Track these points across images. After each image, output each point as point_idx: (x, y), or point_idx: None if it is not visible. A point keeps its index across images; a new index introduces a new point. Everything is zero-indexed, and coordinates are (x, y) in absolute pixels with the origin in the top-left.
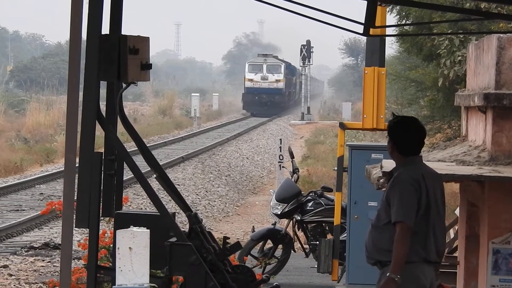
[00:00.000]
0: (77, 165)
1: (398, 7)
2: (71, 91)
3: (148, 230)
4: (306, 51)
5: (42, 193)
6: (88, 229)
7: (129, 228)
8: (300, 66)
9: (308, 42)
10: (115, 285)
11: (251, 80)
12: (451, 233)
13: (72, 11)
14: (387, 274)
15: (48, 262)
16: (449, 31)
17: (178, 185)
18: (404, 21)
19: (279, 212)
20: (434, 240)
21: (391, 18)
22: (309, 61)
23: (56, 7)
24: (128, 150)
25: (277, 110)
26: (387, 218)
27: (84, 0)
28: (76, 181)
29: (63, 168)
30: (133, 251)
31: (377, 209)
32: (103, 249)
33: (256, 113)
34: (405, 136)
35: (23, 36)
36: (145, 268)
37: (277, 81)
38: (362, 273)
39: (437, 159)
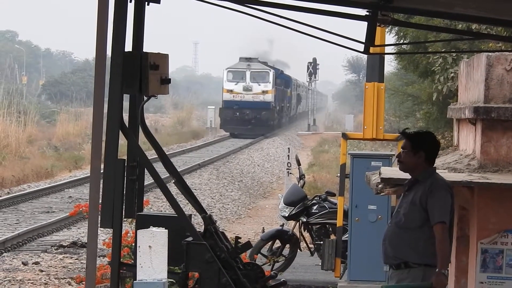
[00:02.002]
0: (102, 171)
1: (396, 28)
2: (97, 103)
3: (167, 230)
4: (313, 68)
5: (70, 196)
6: (112, 229)
7: (149, 229)
8: (307, 81)
9: (314, 59)
10: (136, 280)
11: (230, 91)
12: None
13: (98, 30)
14: (437, 270)
15: (75, 259)
16: (443, 50)
17: (195, 189)
18: (402, 41)
19: (286, 215)
20: (451, 246)
21: (390, 37)
22: (315, 77)
23: (85, 27)
24: (149, 158)
25: (264, 129)
26: (421, 220)
27: (109, 19)
28: (101, 185)
29: (89, 174)
30: (152, 249)
31: (403, 213)
32: (125, 248)
33: (237, 134)
34: (434, 146)
35: (54, 53)
36: (164, 264)
37: (264, 92)
38: (363, 271)
39: None
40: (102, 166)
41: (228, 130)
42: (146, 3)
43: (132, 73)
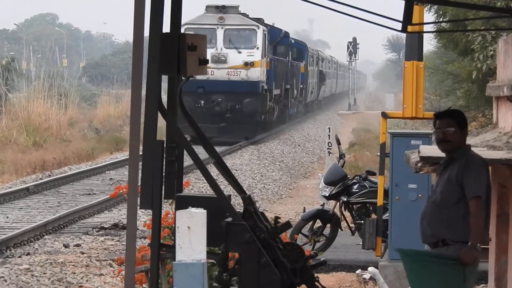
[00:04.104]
0: (141, 152)
1: (436, 6)
2: (135, 85)
3: (206, 211)
4: (353, 47)
5: (111, 178)
6: (151, 211)
7: (188, 209)
8: (347, 61)
9: (354, 39)
10: (175, 261)
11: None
12: None
13: (136, 12)
14: (468, 244)
15: (117, 241)
16: (482, 28)
17: (236, 170)
18: (441, 19)
19: (327, 194)
20: (489, 223)
21: (429, 16)
22: (355, 57)
23: (124, 8)
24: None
25: (249, 129)
26: (456, 197)
27: (146, 2)
28: (140, 167)
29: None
30: (191, 230)
31: (440, 191)
32: (166, 229)
33: (202, 137)
34: (467, 125)
35: (94, 35)
36: (203, 245)
37: (248, 65)
38: (406, 244)
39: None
40: (141, 147)
41: (188, 132)
42: None
43: (170, 54)
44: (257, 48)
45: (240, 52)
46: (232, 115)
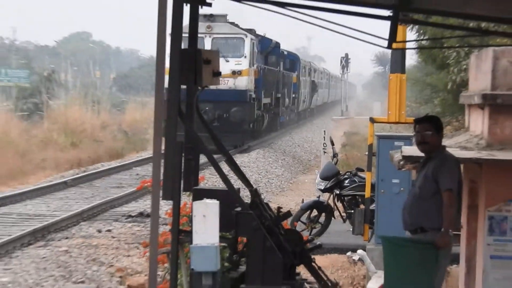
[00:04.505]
0: (163, 151)
1: (417, 26)
2: (158, 94)
3: (219, 202)
4: (345, 61)
5: (138, 174)
6: (172, 201)
7: (203, 200)
8: (340, 73)
9: (346, 54)
10: (192, 244)
11: None
12: None
13: (158, 30)
14: (442, 230)
15: (142, 227)
16: (456, 45)
17: (244, 167)
18: (421, 37)
19: (322, 188)
20: (460, 212)
21: (411, 35)
22: (347, 70)
23: (149, 27)
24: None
25: (236, 137)
26: (432, 191)
27: (167, 21)
28: (162, 164)
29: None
30: (206, 218)
31: (418, 185)
32: (184, 217)
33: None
34: (442, 129)
35: (123, 51)
36: (216, 231)
37: (236, 73)
38: (389, 231)
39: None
40: (163, 147)
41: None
42: (200, 6)
43: (188, 67)
44: (245, 57)
45: (227, 61)
46: (220, 123)
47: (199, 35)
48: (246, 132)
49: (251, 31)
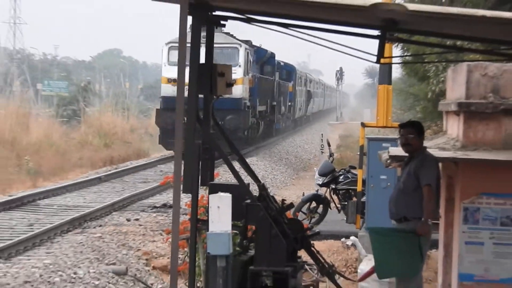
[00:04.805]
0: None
1: (401, 44)
2: (179, 102)
3: (231, 195)
4: (339, 74)
5: (161, 170)
6: (191, 194)
7: (218, 194)
8: (335, 84)
9: (341, 68)
10: (208, 231)
11: (173, 81)
12: None
13: (179, 47)
14: (422, 219)
15: (165, 216)
16: (435, 60)
17: (253, 164)
18: (405, 53)
19: (320, 183)
20: (439, 204)
21: (397, 51)
22: (341, 81)
23: None
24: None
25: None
26: (414, 186)
27: (187, 39)
28: (183, 162)
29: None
30: (220, 209)
31: (402, 181)
32: (201, 208)
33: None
34: (423, 133)
35: (149, 65)
36: (229, 220)
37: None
38: (376, 223)
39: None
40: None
41: (171, 147)
42: (215, 27)
43: (205, 79)
44: (239, 66)
45: None
46: (214, 130)
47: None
48: (240, 140)
49: (247, 42)
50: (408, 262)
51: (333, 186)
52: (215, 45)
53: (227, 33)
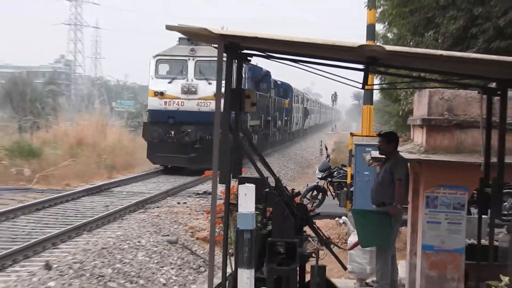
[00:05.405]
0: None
1: (380, 75)
2: (217, 116)
3: (254, 185)
4: (334, 97)
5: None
6: (225, 184)
7: (244, 184)
8: (331, 104)
9: (335, 92)
10: (238, 212)
11: (160, 94)
12: None
13: (217, 76)
14: (393, 204)
15: (206, 200)
16: (405, 87)
17: (270, 163)
18: (383, 82)
19: (320, 177)
20: (408, 194)
21: (376, 80)
22: (336, 102)
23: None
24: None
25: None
26: (389, 180)
27: (223, 71)
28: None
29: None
30: (246, 196)
31: (381, 176)
32: (232, 194)
33: (172, 166)
34: (397, 139)
35: None
36: (252, 203)
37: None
38: (361, 207)
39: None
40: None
41: (158, 162)
42: (244, 62)
43: (236, 100)
44: None
45: (210, 83)
46: (201, 145)
47: (182, 58)
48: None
49: None
50: (381, 235)
51: (329, 179)
52: (202, 58)
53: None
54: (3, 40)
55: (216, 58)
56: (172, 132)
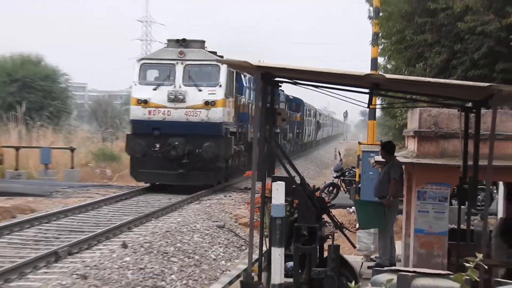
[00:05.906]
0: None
1: (381, 97)
2: (255, 128)
3: (284, 182)
4: (345, 114)
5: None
6: (261, 182)
7: (276, 182)
8: (343, 119)
9: (346, 110)
10: (271, 203)
11: (144, 102)
12: None
13: (256, 101)
14: (387, 197)
15: (246, 194)
16: (401, 107)
17: (296, 165)
18: (384, 102)
19: (334, 176)
20: (403, 189)
21: (379, 101)
22: (347, 118)
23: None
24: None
25: (210, 175)
26: (387, 179)
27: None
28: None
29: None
30: (278, 190)
31: (381, 175)
32: (267, 190)
33: (159, 184)
34: (393, 147)
35: None
36: (283, 196)
37: (209, 104)
38: (366, 198)
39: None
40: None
41: (142, 179)
42: (276, 87)
43: (270, 116)
44: (220, 86)
45: (200, 90)
46: (190, 160)
47: (169, 62)
48: (219, 170)
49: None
50: (375, 220)
51: (342, 178)
52: (192, 62)
53: (213, 52)
54: (92, 70)
55: (207, 62)
56: (157, 146)
